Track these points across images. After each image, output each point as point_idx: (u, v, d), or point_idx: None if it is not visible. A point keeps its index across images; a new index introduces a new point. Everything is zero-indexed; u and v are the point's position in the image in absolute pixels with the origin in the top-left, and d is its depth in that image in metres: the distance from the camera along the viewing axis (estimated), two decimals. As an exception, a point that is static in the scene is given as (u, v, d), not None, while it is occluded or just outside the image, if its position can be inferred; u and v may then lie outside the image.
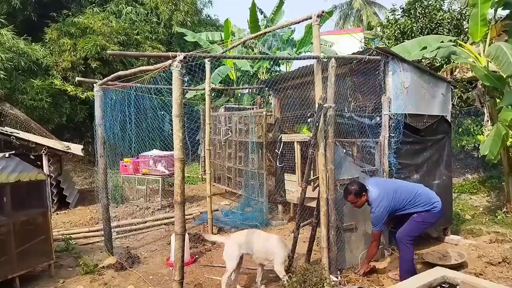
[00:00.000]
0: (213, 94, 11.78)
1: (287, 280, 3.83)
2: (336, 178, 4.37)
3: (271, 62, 13.17)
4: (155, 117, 7.60)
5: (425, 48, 6.61)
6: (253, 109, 9.91)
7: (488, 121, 6.88)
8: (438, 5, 10.09)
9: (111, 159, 7.05)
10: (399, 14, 10.97)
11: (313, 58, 4.28)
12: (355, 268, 4.54)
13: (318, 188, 4.45)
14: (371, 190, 4.10)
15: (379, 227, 4.06)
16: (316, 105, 4.26)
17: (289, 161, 6.43)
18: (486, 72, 5.90)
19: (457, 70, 7.81)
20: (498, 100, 6.63)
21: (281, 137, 6.70)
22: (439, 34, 9.22)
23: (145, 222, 7.02)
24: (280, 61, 13.42)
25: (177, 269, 3.33)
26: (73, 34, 11.79)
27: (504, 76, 5.56)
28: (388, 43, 10.47)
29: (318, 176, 4.38)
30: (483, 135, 7.77)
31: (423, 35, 9.29)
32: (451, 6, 11.05)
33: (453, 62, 7.53)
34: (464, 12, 9.90)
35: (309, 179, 4.47)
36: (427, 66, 8.49)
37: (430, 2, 10.22)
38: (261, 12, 15.58)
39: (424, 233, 5.54)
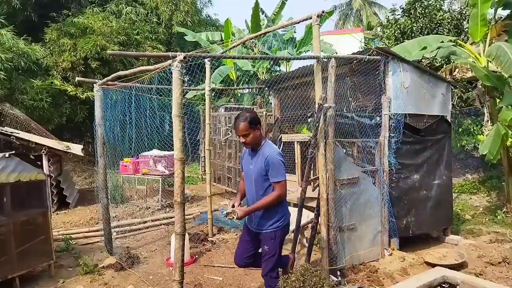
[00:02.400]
0: (213, 94, 11.77)
1: (284, 280, 3.84)
2: (336, 178, 4.37)
3: (271, 62, 13.18)
4: (155, 117, 7.60)
5: (425, 48, 6.61)
6: (253, 109, 9.91)
7: (488, 121, 6.89)
8: (438, 5, 10.09)
9: (111, 159, 7.05)
10: (399, 14, 10.97)
11: (313, 58, 4.28)
12: (355, 268, 4.55)
13: (318, 188, 4.46)
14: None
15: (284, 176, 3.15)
16: (316, 105, 4.26)
17: (289, 161, 6.43)
18: (486, 72, 5.90)
19: (457, 70, 7.80)
20: (498, 100, 6.63)
21: (281, 137, 6.70)
22: (439, 34, 9.23)
23: (145, 222, 7.02)
24: (280, 61, 13.43)
25: (177, 269, 3.33)
26: (73, 34, 11.78)
27: (506, 76, 5.56)
28: (388, 43, 10.47)
29: (318, 176, 4.38)
30: (483, 135, 7.77)
31: (423, 35, 9.29)
32: (451, 6, 11.06)
33: (453, 62, 7.53)
34: (464, 12, 9.90)
35: (309, 179, 4.47)
36: (427, 66, 8.49)
37: (430, 2, 10.21)
38: (262, 12, 15.59)
39: (424, 233, 5.56)
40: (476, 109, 8.89)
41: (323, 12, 4.19)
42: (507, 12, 6.78)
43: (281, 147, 6.66)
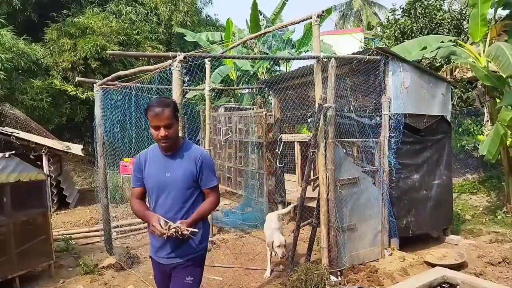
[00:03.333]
0: (213, 94, 11.77)
1: (287, 278, 3.86)
2: (336, 178, 4.37)
3: (271, 62, 13.18)
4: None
5: (425, 48, 6.62)
6: (253, 109, 9.91)
7: (488, 121, 6.89)
8: (438, 5, 10.10)
9: (111, 159, 7.05)
10: (399, 14, 10.97)
11: (313, 58, 4.28)
12: (355, 268, 4.54)
13: (318, 188, 4.46)
14: None
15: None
16: (316, 105, 4.26)
17: (289, 161, 6.43)
18: (486, 72, 5.90)
19: (457, 70, 7.80)
20: (498, 100, 6.63)
21: (281, 137, 6.70)
22: (439, 34, 9.22)
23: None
24: (280, 61, 13.44)
25: (177, 269, 3.32)
26: (73, 34, 11.78)
27: (504, 76, 5.57)
28: (388, 43, 10.47)
29: (318, 176, 4.38)
30: (483, 135, 7.77)
31: (423, 35, 9.30)
32: (451, 6, 11.05)
33: (453, 62, 7.53)
34: (464, 12, 9.91)
35: (309, 179, 4.47)
36: (427, 66, 8.49)
37: (430, 2, 10.22)
38: (260, 13, 15.60)
39: (424, 233, 5.56)
40: (476, 109, 8.90)
41: (323, 12, 4.19)
42: (507, 12, 6.78)
43: (281, 147, 6.67)
